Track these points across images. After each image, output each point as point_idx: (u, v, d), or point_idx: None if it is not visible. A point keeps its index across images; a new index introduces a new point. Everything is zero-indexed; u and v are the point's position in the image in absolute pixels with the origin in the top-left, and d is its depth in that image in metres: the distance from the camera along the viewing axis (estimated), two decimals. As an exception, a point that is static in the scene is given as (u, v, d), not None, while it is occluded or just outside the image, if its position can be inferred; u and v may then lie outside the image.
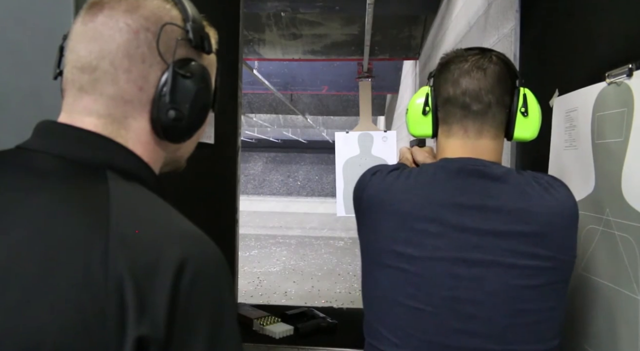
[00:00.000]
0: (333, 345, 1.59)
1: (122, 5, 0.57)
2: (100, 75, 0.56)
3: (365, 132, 4.40)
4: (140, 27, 0.57)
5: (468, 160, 0.90)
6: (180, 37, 0.59)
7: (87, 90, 0.57)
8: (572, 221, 0.86)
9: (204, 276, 0.49)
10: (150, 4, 0.59)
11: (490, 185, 0.86)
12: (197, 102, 0.60)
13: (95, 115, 0.57)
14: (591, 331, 0.94)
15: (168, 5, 0.60)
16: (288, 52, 5.23)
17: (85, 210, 0.49)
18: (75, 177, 0.53)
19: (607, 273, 0.90)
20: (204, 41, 0.61)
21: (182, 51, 0.60)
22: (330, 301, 5.50)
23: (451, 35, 3.22)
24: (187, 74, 0.59)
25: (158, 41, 0.57)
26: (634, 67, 0.82)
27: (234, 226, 2.13)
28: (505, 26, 1.89)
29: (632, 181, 0.82)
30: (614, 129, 0.87)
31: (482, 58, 0.92)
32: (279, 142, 17.22)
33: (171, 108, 0.58)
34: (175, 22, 0.59)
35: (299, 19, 4.53)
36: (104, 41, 0.56)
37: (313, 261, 7.84)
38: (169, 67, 0.58)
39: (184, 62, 0.59)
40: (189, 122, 0.61)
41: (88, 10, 0.58)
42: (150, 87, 0.58)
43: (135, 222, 0.49)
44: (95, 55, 0.56)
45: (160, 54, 0.57)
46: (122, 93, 0.57)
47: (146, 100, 0.58)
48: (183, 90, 0.59)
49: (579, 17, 1.09)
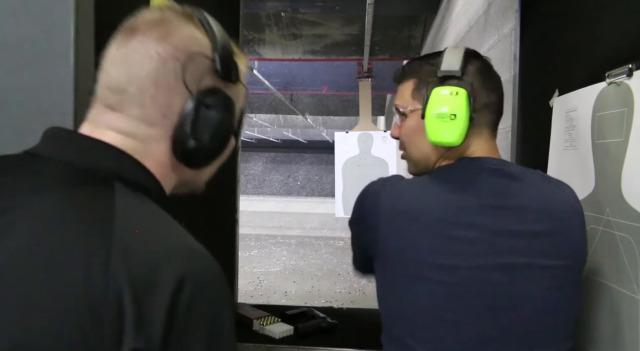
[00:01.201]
0: (333, 345, 1.59)
1: (154, 33, 0.59)
2: (128, 98, 0.58)
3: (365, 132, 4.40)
4: (169, 56, 0.58)
5: (487, 159, 0.90)
6: (207, 67, 0.61)
7: (114, 108, 0.59)
8: (583, 218, 0.88)
9: (203, 293, 0.49)
10: (182, 32, 0.60)
11: (512, 184, 0.87)
12: (218, 133, 0.61)
13: (117, 130, 0.58)
14: (592, 331, 0.94)
15: (199, 33, 0.62)
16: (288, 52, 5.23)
17: (90, 219, 0.49)
18: (83, 185, 0.53)
19: (607, 273, 0.90)
20: (231, 71, 0.63)
21: (208, 81, 0.61)
22: (330, 301, 5.50)
23: (451, 35, 3.22)
24: (210, 104, 0.60)
25: (184, 71, 0.59)
26: (634, 67, 0.82)
27: (234, 226, 2.13)
28: (505, 26, 1.89)
29: (632, 181, 0.82)
30: (614, 129, 0.87)
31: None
32: (279, 142, 17.22)
33: (192, 138, 0.59)
34: (204, 51, 0.61)
35: (299, 19, 4.53)
36: (134, 67, 0.58)
37: (313, 261, 7.84)
38: (193, 97, 0.59)
39: (209, 92, 0.60)
40: (208, 151, 0.62)
41: (122, 34, 0.61)
42: (174, 114, 0.59)
43: (139, 235, 0.49)
44: (125, 78, 0.58)
45: (186, 83, 0.59)
46: (146, 116, 0.59)
47: (169, 126, 0.59)
48: (205, 121, 0.60)
49: (578, 17, 1.09)
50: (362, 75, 4.45)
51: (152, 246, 0.49)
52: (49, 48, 0.80)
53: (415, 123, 0.94)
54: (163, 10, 0.62)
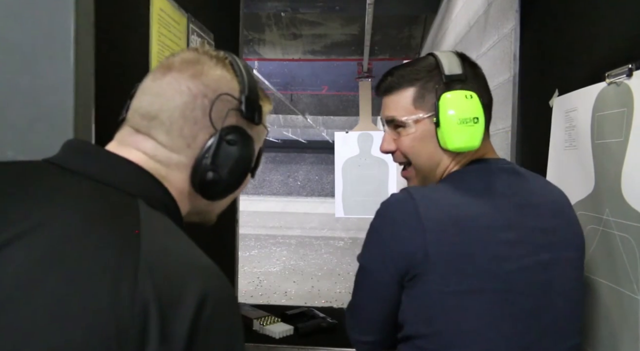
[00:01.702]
0: (333, 345, 1.59)
1: (189, 70, 0.64)
2: (157, 125, 0.62)
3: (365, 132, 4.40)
4: (199, 92, 0.63)
5: (497, 160, 0.91)
6: (233, 107, 0.65)
7: (142, 131, 0.63)
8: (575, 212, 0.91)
9: (222, 310, 0.51)
10: (214, 73, 0.65)
11: (524, 182, 0.88)
12: (236, 168, 0.66)
13: (142, 151, 0.62)
14: (591, 331, 0.94)
15: (229, 75, 0.66)
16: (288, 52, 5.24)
17: (118, 234, 0.50)
18: (107, 200, 0.55)
19: (607, 273, 0.90)
20: (255, 113, 0.67)
21: (233, 119, 0.65)
22: (330, 301, 5.50)
23: (451, 35, 3.22)
24: (232, 141, 0.64)
25: (211, 108, 0.63)
26: (633, 67, 0.82)
27: (234, 226, 2.13)
28: (505, 26, 1.89)
29: (632, 181, 0.82)
30: (613, 129, 0.87)
31: None
32: (279, 142, 17.22)
33: (211, 170, 0.63)
34: (232, 92, 0.65)
35: (299, 19, 4.53)
36: (166, 99, 0.63)
37: (313, 261, 7.84)
38: (217, 133, 0.63)
39: (232, 130, 0.65)
40: (225, 185, 0.66)
41: (159, 69, 0.66)
42: (197, 146, 0.63)
43: (163, 251, 0.51)
44: (156, 108, 0.63)
45: (211, 120, 0.63)
46: (171, 144, 0.62)
47: (191, 157, 0.63)
48: (225, 156, 0.64)
49: (578, 17, 1.09)
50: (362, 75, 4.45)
51: (176, 263, 0.51)
52: (49, 48, 0.80)
53: (422, 133, 0.90)
54: (199, 52, 0.67)
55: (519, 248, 0.80)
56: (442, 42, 3.62)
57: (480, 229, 0.79)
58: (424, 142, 0.90)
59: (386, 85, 0.94)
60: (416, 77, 0.91)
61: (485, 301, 0.77)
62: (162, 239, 0.53)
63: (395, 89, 0.93)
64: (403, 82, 0.91)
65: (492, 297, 0.77)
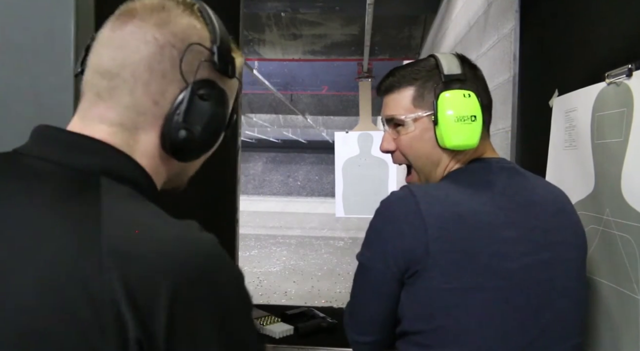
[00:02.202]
0: (333, 345, 1.58)
1: (153, 18, 0.58)
2: (119, 84, 0.56)
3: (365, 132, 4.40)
4: (167, 42, 0.57)
5: (497, 160, 0.91)
6: (205, 58, 0.59)
7: (103, 97, 0.57)
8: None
9: (202, 282, 0.48)
10: (182, 21, 0.59)
11: (524, 181, 0.89)
12: (210, 125, 0.60)
13: (107, 123, 0.57)
14: (591, 331, 0.94)
15: (199, 24, 0.60)
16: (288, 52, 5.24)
17: (76, 221, 0.48)
18: (68, 184, 0.52)
19: (607, 273, 0.90)
20: (228, 65, 0.61)
21: (205, 72, 0.60)
22: (330, 301, 5.50)
23: (451, 35, 3.22)
24: (204, 95, 0.59)
25: (182, 59, 0.57)
26: (633, 67, 0.82)
27: (234, 226, 2.13)
28: (505, 26, 1.89)
29: (632, 181, 0.82)
30: (613, 129, 0.87)
31: None
32: (279, 142, 17.21)
33: (183, 128, 0.58)
34: (203, 43, 0.59)
35: (299, 19, 4.53)
36: (129, 51, 0.57)
37: (313, 261, 7.84)
38: (188, 86, 0.58)
39: (204, 84, 0.59)
40: (198, 144, 0.60)
41: (118, 17, 0.59)
42: (166, 103, 0.58)
43: (127, 231, 0.48)
44: (118, 63, 0.57)
45: (182, 72, 0.57)
46: (136, 104, 0.57)
47: (159, 115, 0.58)
48: (198, 112, 0.58)
49: (578, 17, 1.09)
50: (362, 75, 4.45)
51: (143, 240, 0.48)
52: (49, 48, 0.80)
53: (420, 131, 0.91)
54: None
55: (520, 246, 0.80)
56: (442, 42, 3.62)
57: (481, 226, 0.79)
58: (423, 141, 0.91)
59: (387, 85, 0.95)
60: (416, 77, 0.92)
61: (486, 298, 0.77)
62: (127, 218, 0.49)
63: (396, 88, 0.94)
64: (403, 81, 0.93)
65: (492, 294, 0.78)
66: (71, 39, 0.80)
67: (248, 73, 5.28)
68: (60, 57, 0.80)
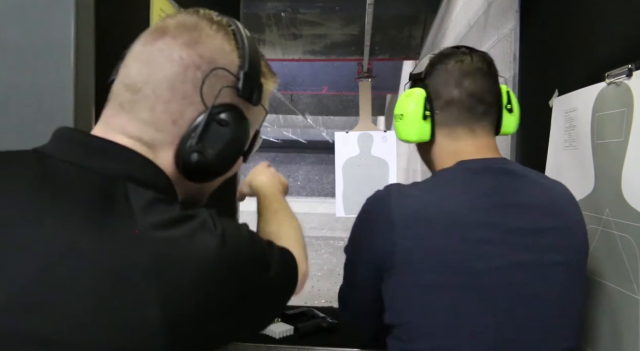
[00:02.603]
0: (333, 345, 1.58)
1: (183, 37, 0.57)
2: (141, 99, 0.57)
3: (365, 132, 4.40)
4: (192, 63, 0.56)
5: (489, 160, 0.89)
6: (229, 84, 0.58)
7: (126, 108, 0.57)
8: (582, 213, 0.89)
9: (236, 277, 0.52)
10: (212, 42, 0.58)
11: (515, 181, 0.87)
12: (225, 151, 0.59)
13: (127, 135, 0.57)
14: (591, 331, 0.94)
15: (229, 47, 0.59)
16: (288, 52, 5.23)
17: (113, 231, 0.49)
18: (97, 190, 0.52)
19: (607, 273, 0.90)
20: (254, 92, 0.60)
21: (227, 97, 0.59)
22: (330, 301, 5.50)
23: (451, 35, 3.22)
24: (223, 121, 0.58)
25: (203, 82, 0.57)
26: (633, 67, 0.82)
27: (234, 226, 2.12)
28: (505, 26, 1.89)
29: (632, 181, 0.82)
30: (613, 129, 0.87)
31: (477, 57, 0.92)
32: (279, 142, 17.20)
33: (195, 151, 0.57)
34: (229, 67, 0.58)
35: (299, 19, 4.53)
36: (154, 67, 0.56)
37: (313, 261, 7.83)
38: (207, 110, 0.57)
39: (225, 109, 0.58)
40: (211, 168, 0.59)
41: (152, 32, 0.59)
42: (184, 124, 0.57)
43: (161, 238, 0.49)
44: (143, 78, 0.57)
45: (202, 95, 0.57)
46: (155, 121, 0.57)
47: (177, 135, 0.57)
48: (213, 136, 0.58)
49: (578, 17, 1.09)
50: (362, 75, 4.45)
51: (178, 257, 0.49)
52: (49, 48, 0.80)
53: None
54: (199, 16, 0.60)
55: (491, 247, 0.79)
56: (442, 42, 3.62)
57: (448, 226, 0.79)
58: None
59: None
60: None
61: (453, 297, 0.78)
62: (159, 225, 0.50)
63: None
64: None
65: (460, 293, 0.78)
66: (71, 39, 0.80)
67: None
68: (60, 57, 0.80)
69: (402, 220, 0.80)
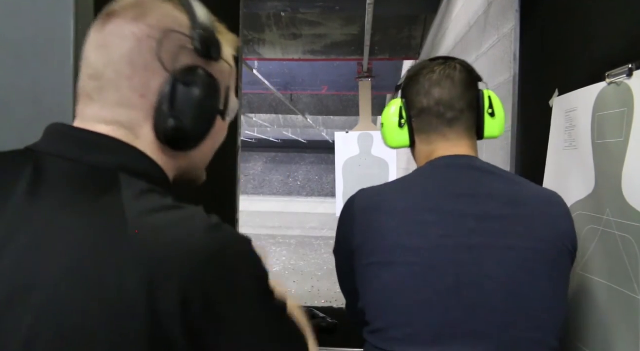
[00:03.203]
0: (333, 345, 1.58)
1: (130, 14, 0.58)
2: (105, 83, 0.57)
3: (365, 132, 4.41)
4: (144, 35, 0.57)
5: (456, 157, 0.95)
6: (185, 44, 0.59)
7: (94, 97, 0.58)
8: (562, 209, 0.90)
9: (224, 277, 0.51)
10: (159, 11, 0.59)
11: (481, 175, 0.92)
12: (199, 111, 0.60)
13: (104, 122, 0.58)
14: (591, 331, 0.94)
15: (177, 12, 0.60)
16: (288, 52, 5.23)
17: (101, 219, 0.49)
18: (89, 181, 0.53)
19: (607, 273, 0.90)
20: (211, 49, 0.60)
21: (188, 59, 0.59)
22: (330, 301, 5.50)
23: (451, 35, 3.22)
24: (189, 82, 0.58)
25: (160, 49, 0.57)
26: (634, 67, 0.82)
27: (234, 226, 2.13)
28: (505, 26, 1.89)
29: (632, 181, 0.82)
30: (614, 129, 0.87)
31: (447, 67, 0.98)
32: (279, 142, 17.21)
33: (170, 117, 0.58)
34: (181, 29, 0.59)
35: (299, 19, 4.53)
36: (110, 49, 0.57)
37: (313, 261, 7.84)
38: (170, 75, 0.58)
39: (188, 70, 0.59)
40: (192, 131, 0.60)
41: (102, 18, 0.60)
42: (153, 95, 0.58)
43: (151, 227, 0.50)
44: (102, 63, 0.57)
45: (162, 61, 0.57)
46: (124, 100, 0.57)
47: (149, 108, 0.58)
48: (183, 98, 0.58)
49: (579, 17, 1.09)
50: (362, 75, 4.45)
51: (165, 242, 0.49)
52: (49, 48, 0.80)
53: None
54: None
55: (438, 229, 0.85)
56: (442, 42, 3.62)
57: (397, 211, 0.88)
58: None
59: None
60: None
61: (398, 272, 0.84)
62: (148, 215, 0.51)
63: None
64: None
65: (404, 269, 0.84)
66: (71, 39, 0.80)
67: (248, 73, 5.28)
68: (60, 57, 0.80)
69: (359, 211, 0.91)
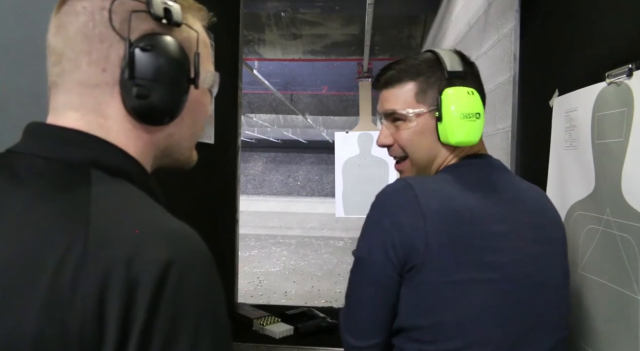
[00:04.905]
0: (333, 345, 1.58)
1: None
2: (66, 64, 0.56)
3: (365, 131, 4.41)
4: (96, 7, 0.55)
5: (490, 157, 0.94)
6: (137, 9, 0.56)
7: (58, 83, 0.57)
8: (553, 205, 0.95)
9: (189, 277, 0.47)
10: None
11: (513, 178, 0.92)
12: (163, 77, 0.57)
13: (72, 108, 0.56)
14: (591, 331, 0.94)
15: None
16: (288, 52, 5.24)
17: (65, 212, 0.48)
18: (59, 178, 0.52)
19: (607, 273, 0.90)
20: (169, 14, 0.58)
21: (145, 26, 0.57)
22: (330, 301, 5.50)
23: (451, 35, 3.22)
24: (148, 48, 0.55)
25: (111, 18, 0.55)
26: (634, 67, 0.82)
27: (234, 226, 2.13)
28: (505, 26, 1.89)
29: (632, 181, 0.82)
30: (614, 129, 0.87)
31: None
32: (279, 142, 17.22)
33: (134, 86, 0.55)
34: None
35: (299, 19, 4.53)
36: (66, 28, 0.56)
37: (313, 261, 7.84)
38: (127, 42, 0.55)
39: (146, 36, 0.56)
40: (160, 100, 0.57)
41: (57, 5, 0.59)
42: (114, 67, 0.55)
43: (117, 222, 0.48)
44: (61, 44, 0.56)
45: (116, 30, 0.55)
46: (86, 77, 0.55)
47: (113, 82, 0.56)
48: (144, 65, 0.55)
49: (579, 17, 1.09)
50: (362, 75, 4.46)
51: (132, 232, 0.47)
52: (49, 48, 0.80)
53: (422, 126, 0.91)
54: None
55: (510, 240, 0.82)
56: (442, 42, 3.62)
57: (476, 221, 0.80)
58: (424, 135, 0.92)
59: (386, 79, 0.95)
60: (418, 72, 0.92)
61: (481, 291, 0.78)
62: (117, 210, 0.49)
63: (397, 83, 0.94)
64: (404, 76, 0.93)
65: (487, 287, 0.79)
66: (71, 38, 0.80)
67: (248, 73, 5.28)
68: (60, 57, 0.80)
69: (432, 215, 0.78)
